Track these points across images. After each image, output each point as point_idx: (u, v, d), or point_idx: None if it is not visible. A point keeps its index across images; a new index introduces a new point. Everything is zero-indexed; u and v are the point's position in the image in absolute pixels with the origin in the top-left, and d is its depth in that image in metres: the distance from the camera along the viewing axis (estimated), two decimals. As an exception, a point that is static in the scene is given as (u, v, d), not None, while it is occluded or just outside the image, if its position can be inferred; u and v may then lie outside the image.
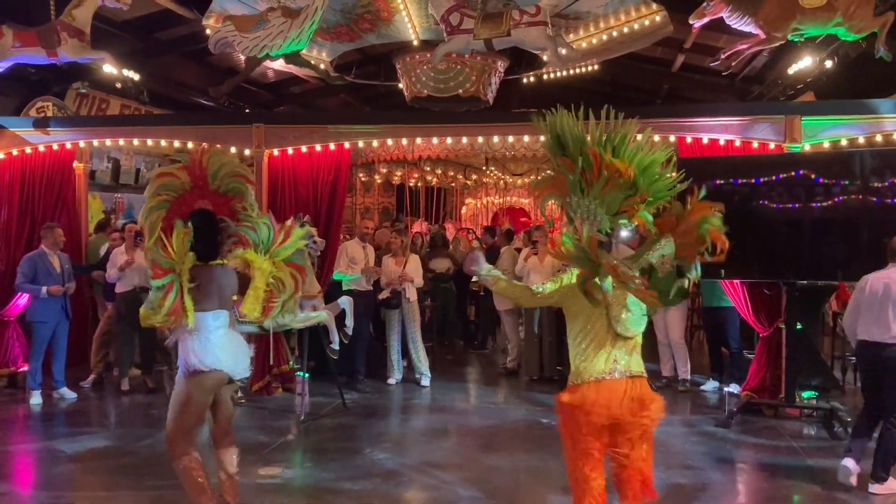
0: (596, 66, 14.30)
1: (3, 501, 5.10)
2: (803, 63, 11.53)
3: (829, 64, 11.09)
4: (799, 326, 7.14)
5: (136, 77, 13.36)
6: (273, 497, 5.17)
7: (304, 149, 8.23)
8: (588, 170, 3.57)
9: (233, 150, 8.55)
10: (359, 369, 8.36)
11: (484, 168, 14.64)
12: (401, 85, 12.44)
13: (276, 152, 8.27)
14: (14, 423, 7.31)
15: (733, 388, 7.75)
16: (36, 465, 6.10)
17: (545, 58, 12.31)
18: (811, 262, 6.91)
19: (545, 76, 13.70)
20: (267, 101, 16.57)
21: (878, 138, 7.64)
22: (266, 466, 5.77)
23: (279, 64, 13.81)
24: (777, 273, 7.09)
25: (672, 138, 7.84)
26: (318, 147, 8.22)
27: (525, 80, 13.86)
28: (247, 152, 8.32)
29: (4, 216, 8.56)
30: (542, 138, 3.71)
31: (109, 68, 12.75)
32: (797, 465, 5.88)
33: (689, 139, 7.81)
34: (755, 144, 7.66)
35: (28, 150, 8.65)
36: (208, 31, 9.68)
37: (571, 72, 13.91)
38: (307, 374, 7.65)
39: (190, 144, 8.47)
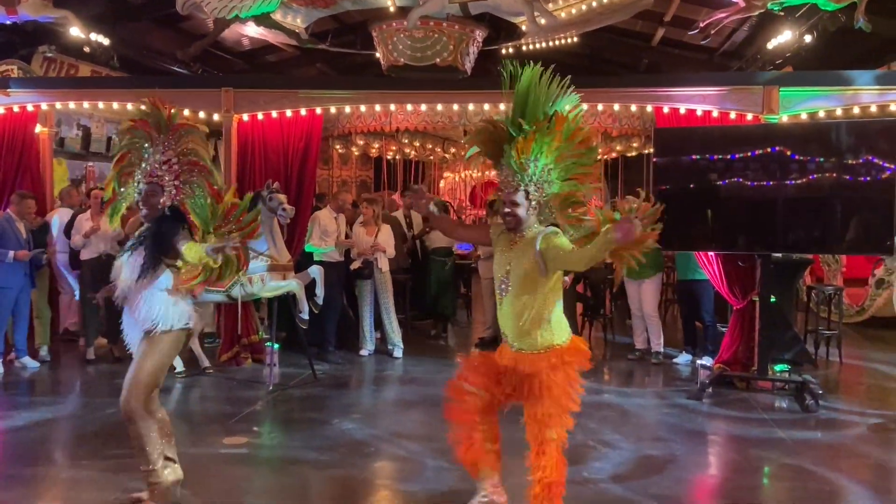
0: (575, 39, 14.16)
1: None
2: (783, 37, 11.47)
3: (808, 38, 11.02)
4: (773, 300, 7.12)
5: (107, 42, 13.02)
6: (236, 467, 5.05)
7: (274, 114, 8.03)
8: (550, 131, 3.54)
9: (201, 114, 8.37)
10: (329, 340, 8.23)
11: (462, 141, 14.46)
12: (378, 54, 12.22)
13: (245, 118, 8.05)
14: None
15: (706, 360, 7.73)
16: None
17: (524, 28, 12.15)
18: (786, 235, 6.87)
19: (524, 47, 13.53)
20: (241, 70, 16.24)
21: (856, 110, 7.60)
22: (231, 436, 5.64)
23: (253, 30, 13.56)
24: (751, 246, 7.04)
25: (649, 108, 7.75)
26: (288, 113, 8.01)
27: (504, 51, 13.67)
28: (215, 117, 8.10)
29: (-37, 179, 8.30)
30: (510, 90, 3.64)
31: (77, 32, 12.41)
32: (768, 437, 5.84)
33: (666, 109, 7.71)
34: (733, 115, 7.58)
35: (-12, 111, 8.38)
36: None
37: (550, 44, 13.76)
38: (277, 345, 7.52)
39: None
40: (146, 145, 4.08)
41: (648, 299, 8.40)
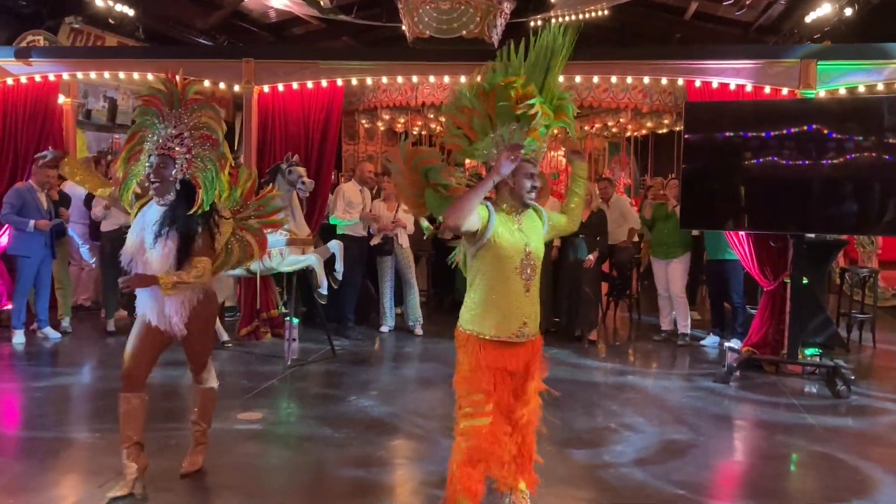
0: (606, 12, 13.85)
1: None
2: (822, 10, 11.09)
3: (848, 12, 10.63)
4: (805, 281, 6.88)
5: (131, 13, 12.97)
6: (249, 443, 4.98)
7: (295, 86, 7.88)
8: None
9: (222, 85, 8.27)
10: (348, 316, 8.14)
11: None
12: (403, 26, 12.01)
13: (266, 89, 7.92)
14: (-5, 362, 7.15)
15: (734, 343, 7.52)
16: (16, 405, 5.93)
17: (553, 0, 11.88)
18: (820, 215, 6.63)
19: (553, 20, 13.24)
20: (268, 42, 16.12)
21: (898, 86, 7.28)
22: (246, 412, 5.58)
23: (279, 1, 13.42)
24: (784, 225, 6.80)
25: (680, 81, 7.49)
26: (309, 84, 7.86)
27: (532, 24, 13.38)
28: (236, 88, 7.99)
29: (-14, 149, 8.28)
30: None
31: (101, 1, 12.39)
32: (797, 423, 5.65)
33: (698, 83, 7.44)
34: (767, 90, 7.29)
35: (10, 81, 8.32)
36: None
37: (580, 17, 13.46)
38: (297, 320, 7.44)
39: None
40: (156, 122, 3.98)
41: (676, 279, 8.19)
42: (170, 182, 3.93)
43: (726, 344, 7.68)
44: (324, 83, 7.85)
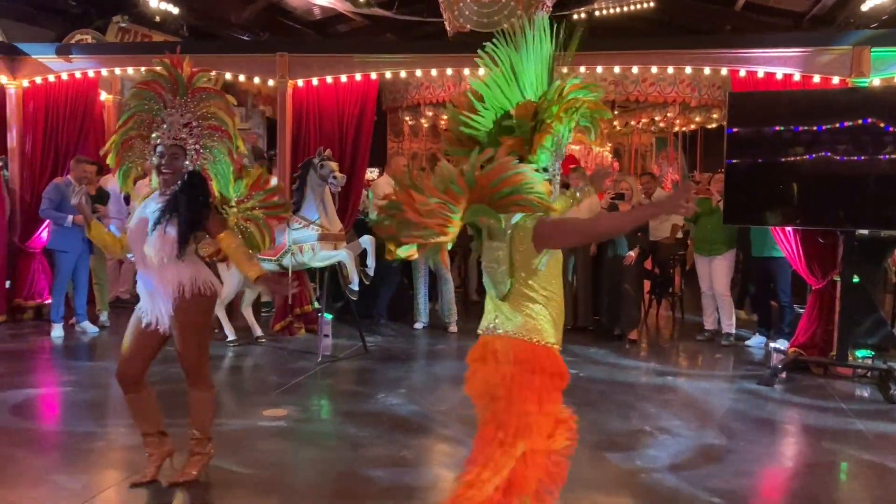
0: (651, 4, 13.51)
1: (25, 436, 4.95)
2: (879, -2, 10.60)
3: (908, -2, 10.15)
4: (856, 279, 6.55)
5: (176, 10, 13.11)
6: (271, 440, 4.90)
7: (329, 79, 7.79)
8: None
9: (256, 80, 8.25)
10: (381, 312, 8.05)
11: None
12: (444, 21, 11.89)
13: (300, 83, 7.85)
14: (35, 356, 7.21)
15: (780, 343, 7.21)
16: (53, 399, 5.97)
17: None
18: (874, 210, 6.29)
19: (596, 13, 12.99)
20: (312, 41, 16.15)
21: (960, 74, 6.87)
22: (271, 408, 5.51)
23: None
24: (835, 221, 6.48)
25: (724, 71, 7.18)
26: (343, 78, 7.76)
27: (575, 17, 13.13)
28: (270, 83, 7.95)
29: (29, 145, 8.38)
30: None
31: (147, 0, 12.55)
32: (846, 429, 5.35)
33: (742, 72, 7.12)
34: (817, 79, 6.93)
35: (52, 78, 8.43)
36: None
37: (624, 9, 13.16)
38: (330, 316, 7.36)
39: (212, 74, 8.15)
40: (157, 108, 3.87)
41: (720, 277, 7.90)
42: (181, 174, 3.84)
43: (772, 344, 7.39)
44: (358, 77, 7.76)
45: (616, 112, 12.85)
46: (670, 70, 7.48)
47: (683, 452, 4.84)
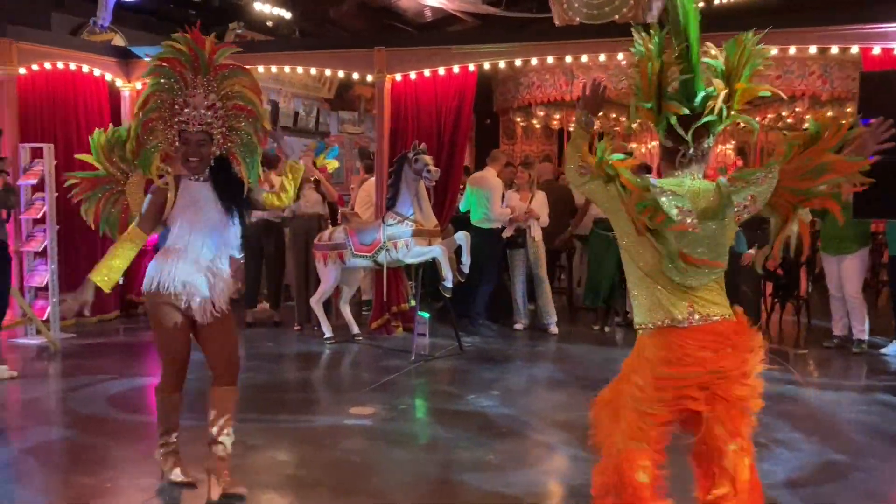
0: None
1: (114, 426, 5.04)
2: None
3: None
4: None
5: (288, 15, 13.41)
6: (354, 439, 4.74)
7: (427, 73, 7.63)
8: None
9: (355, 76, 8.20)
10: (479, 311, 7.80)
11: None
12: (553, 14, 11.54)
13: (398, 77, 7.73)
14: (143, 350, 7.38)
15: (922, 352, 6.47)
16: (142, 391, 6.07)
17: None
18: None
19: (715, 0, 12.28)
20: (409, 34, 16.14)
21: None
22: (358, 406, 5.36)
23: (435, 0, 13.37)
24: None
25: (854, 49, 6.50)
26: (441, 71, 7.58)
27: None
28: (369, 78, 7.87)
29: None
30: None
31: (260, 6, 12.89)
32: None
33: (876, 50, 6.41)
34: (965, 54, 6.18)
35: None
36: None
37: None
38: (428, 315, 7.18)
39: (313, 71, 8.18)
40: (178, 87, 3.62)
41: (850, 278, 7.17)
42: (208, 161, 3.67)
43: (912, 353, 6.64)
44: (456, 69, 7.55)
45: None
46: (792, 50, 6.80)
47: (801, 468, 4.33)
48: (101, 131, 3.95)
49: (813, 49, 7.04)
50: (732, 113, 2.62)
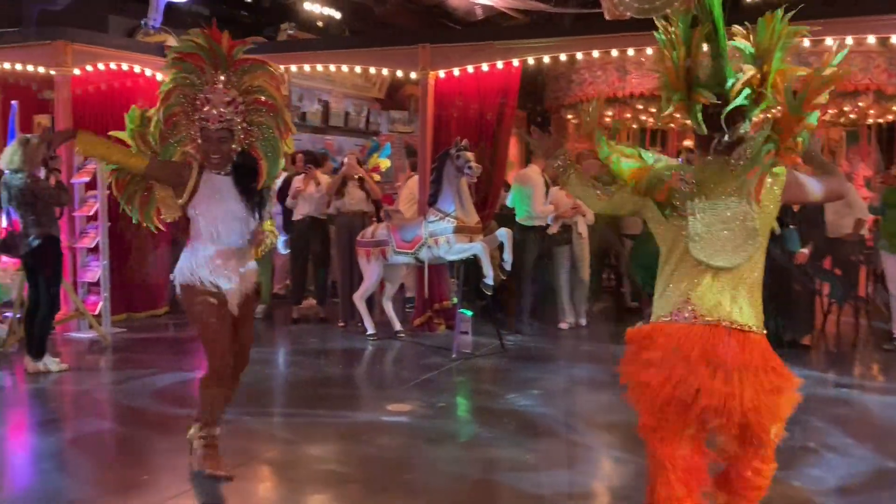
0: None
1: (155, 418, 5.13)
2: None
3: None
4: None
5: (338, 15, 13.50)
6: (389, 435, 4.72)
7: (470, 69, 7.56)
8: None
9: (399, 73, 8.18)
10: (523, 309, 7.70)
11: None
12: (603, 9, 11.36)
13: (442, 74, 7.68)
14: (190, 345, 7.48)
15: None
16: (194, 387, 6.15)
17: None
18: None
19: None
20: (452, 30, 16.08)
21: None
22: (396, 403, 5.33)
23: (489, -1, 13.29)
24: None
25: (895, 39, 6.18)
26: (484, 67, 7.49)
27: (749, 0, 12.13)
28: (413, 75, 7.85)
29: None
30: None
31: (310, 6, 13.00)
32: None
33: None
34: None
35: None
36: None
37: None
38: (470, 312, 7.11)
39: (357, 69, 8.19)
40: (198, 82, 3.65)
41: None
42: (230, 157, 3.69)
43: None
44: (499, 65, 7.47)
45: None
46: (849, 40, 6.48)
47: (853, 475, 4.15)
48: (135, 108, 3.96)
49: (871, 39, 6.73)
50: (768, 97, 2.49)
